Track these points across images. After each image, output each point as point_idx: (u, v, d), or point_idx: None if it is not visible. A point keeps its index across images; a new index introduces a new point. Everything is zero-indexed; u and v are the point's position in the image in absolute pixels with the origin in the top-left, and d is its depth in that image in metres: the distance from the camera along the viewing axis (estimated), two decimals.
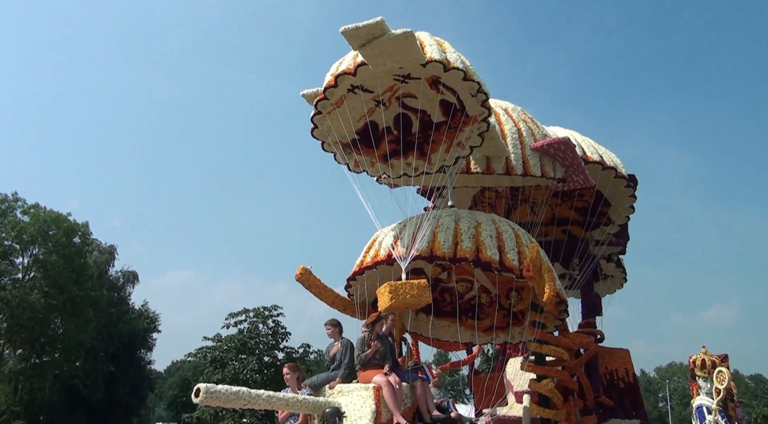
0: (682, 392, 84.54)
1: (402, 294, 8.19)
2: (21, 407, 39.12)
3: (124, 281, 49.72)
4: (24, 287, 39.89)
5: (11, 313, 38.75)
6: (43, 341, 41.04)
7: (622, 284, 15.50)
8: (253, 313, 41.73)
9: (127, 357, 47.45)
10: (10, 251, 41.07)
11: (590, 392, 11.50)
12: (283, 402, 7.11)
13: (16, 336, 39.72)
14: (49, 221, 41.43)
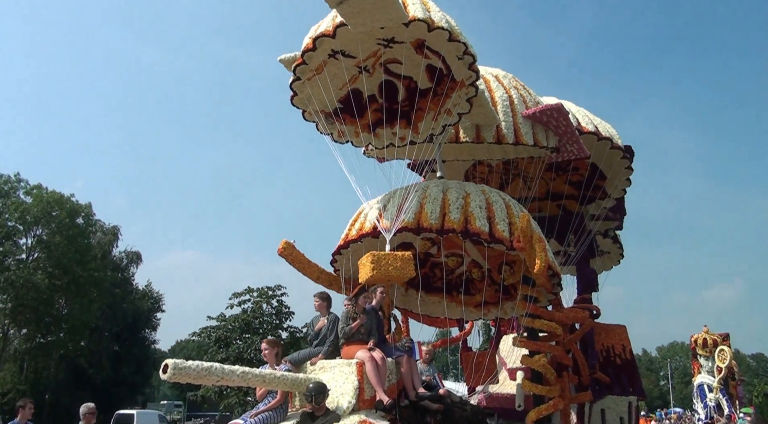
0: (684, 370, 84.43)
1: (384, 265, 7.77)
2: (27, 386, 39.08)
3: (127, 261, 49.47)
4: (28, 268, 39.68)
5: (16, 293, 38.56)
6: (48, 321, 40.91)
7: (619, 260, 15.05)
8: (257, 293, 41.63)
9: (131, 337, 47.35)
10: (13, 232, 40.78)
11: (585, 368, 11.10)
12: (259, 379, 6.70)
13: (21, 316, 39.59)
14: (52, 202, 41.09)
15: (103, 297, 43.55)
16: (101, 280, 43.20)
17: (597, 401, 12.05)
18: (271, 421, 7.08)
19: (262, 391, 7.38)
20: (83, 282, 41.12)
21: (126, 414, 32.40)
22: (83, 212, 43.58)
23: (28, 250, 41.58)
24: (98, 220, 46.41)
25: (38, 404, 35.96)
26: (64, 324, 41.44)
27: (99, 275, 42.95)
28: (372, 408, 7.19)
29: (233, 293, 41.01)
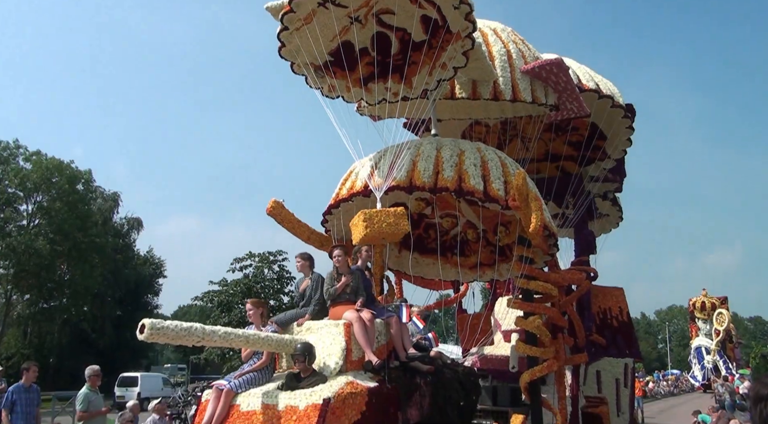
0: (681, 334, 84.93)
1: (377, 223, 7.45)
2: (31, 350, 39.30)
3: (128, 227, 49.37)
4: (29, 234, 39.64)
5: (17, 259, 38.62)
6: (50, 287, 40.98)
7: (618, 223, 14.73)
8: (258, 258, 41.73)
9: (134, 302, 47.44)
10: (13, 199, 40.65)
11: (581, 329, 10.88)
12: (242, 339, 6.45)
13: (24, 282, 39.67)
14: (51, 169, 40.82)
15: (105, 263, 43.56)
16: (102, 246, 43.19)
17: (593, 363, 11.89)
18: (255, 382, 6.86)
19: (248, 352, 7.15)
20: (84, 248, 41.11)
21: (130, 377, 32.62)
22: (83, 179, 43.36)
23: (28, 216, 41.48)
24: (98, 186, 46.25)
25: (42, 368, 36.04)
26: (67, 290, 41.52)
27: (100, 241, 42.94)
28: (360, 369, 6.96)
29: (235, 259, 41.18)
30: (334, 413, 6.12)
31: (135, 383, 31.66)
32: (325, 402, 6.08)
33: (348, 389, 6.38)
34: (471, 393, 8.52)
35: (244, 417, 6.47)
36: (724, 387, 24.57)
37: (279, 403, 6.35)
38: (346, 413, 6.26)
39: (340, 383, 6.46)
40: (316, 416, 6.03)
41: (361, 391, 6.51)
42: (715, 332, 36.37)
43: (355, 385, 6.53)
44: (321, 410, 6.05)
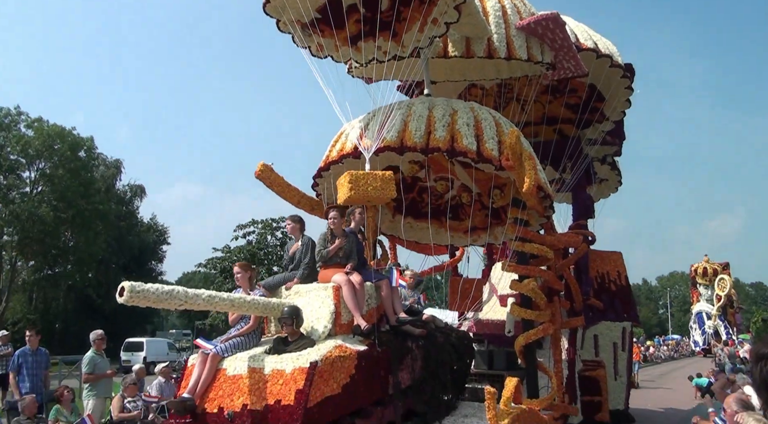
0: (683, 299, 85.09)
1: (363, 185, 7.22)
2: (36, 316, 39.55)
3: (131, 194, 49.27)
4: (32, 201, 39.51)
5: (21, 226, 38.58)
6: (55, 253, 41.05)
7: (617, 187, 14.48)
8: (261, 225, 41.65)
9: (138, 269, 47.53)
10: (16, 165, 40.42)
11: (578, 293, 10.73)
12: (227, 303, 6.28)
13: (28, 248, 39.68)
14: (53, 135, 40.51)
15: (109, 230, 43.55)
16: (106, 213, 43.12)
17: (590, 327, 11.77)
18: (242, 346, 6.72)
19: (235, 316, 7.00)
20: (88, 215, 41.04)
21: (136, 342, 32.83)
22: (85, 146, 43.06)
23: (31, 183, 41.30)
24: (100, 153, 45.95)
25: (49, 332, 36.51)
26: (71, 256, 41.61)
27: (103, 208, 42.84)
28: (349, 333, 6.80)
29: (238, 225, 41.14)
30: (322, 376, 5.99)
31: (141, 347, 31.89)
32: (312, 366, 5.93)
33: (336, 353, 6.23)
34: (464, 357, 8.41)
35: (230, 381, 6.35)
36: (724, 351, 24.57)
37: (265, 367, 6.21)
38: (334, 377, 6.12)
39: (329, 346, 6.31)
40: (303, 379, 5.89)
41: (350, 355, 6.36)
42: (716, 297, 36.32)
43: (344, 348, 6.38)
44: (308, 374, 5.90)
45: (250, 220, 41.28)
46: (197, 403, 6.37)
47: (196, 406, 6.32)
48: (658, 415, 15.18)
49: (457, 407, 8.10)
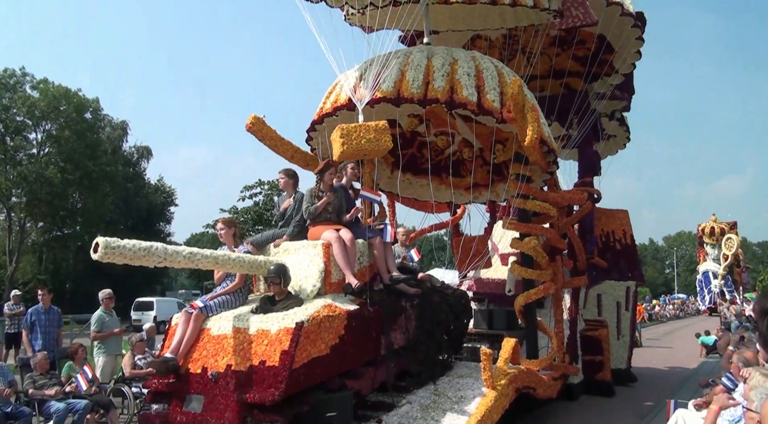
0: (689, 259, 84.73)
1: (356, 138, 6.78)
2: (47, 276, 39.65)
3: (138, 156, 48.93)
4: (40, 163, 39.41)
5: (29, 188, 38.57)
6: (63, 215, 41.04)
7: (625, 144, 13.92)
8: (268, 185, 41.31)
9: (146, 230, 47.34)
10: (22, 127, 40.15)
11: (582, 252, 10.36)
12: (210, 260, 5.94)
13: (37, 210, 39.68)
14: (59, 97, 40.17)
15: (116, 191, 43.45)
16: (113, 174, 42.96)
17: (594, 286, 11.42)
18: (228, 305, 6.41)
19: (220, 274, 6.67)
20: (95, 177, 40.91)
21: (146, 302, 32.85)
22: (91, 107, 42.71)
23: (38, 145, 41.11)
24: (106, 115, 45.57)
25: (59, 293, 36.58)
26: (80, 218, 41.62)
27: (111, 170, 42.69)
28: (340, 292, 6.48)
29: (245, 186, 40.84)
30: (309, 337, 5.68)
31: (151, 307, 31.92)
32: (298, 326, 5.62)
33: (325, 313, 5.91)
34: (461, 316, 8.12)
35: (214, 341, 6.05)
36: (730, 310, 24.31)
37: (250, 326, 5.91)
38: (322, 338, 5.81)
39: (317, 306, 6.00)
40: (289, 340, 5.59)
41: (340, 314, 6.04)
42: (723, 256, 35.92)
43: (333, 308, 6.06)
44: (293, 335, 5.59)
45: (257, 181, 40.97)
46: (180, 363, 6.10)
47: (179, 366, 6.05)
48: (661, 373, 14.94)
49: (453, 368, 7.84)
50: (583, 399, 10.78)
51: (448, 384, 7.29)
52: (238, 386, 5.62)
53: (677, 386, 12.53)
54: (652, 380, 13.46)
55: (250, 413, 5.49)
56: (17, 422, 7.47)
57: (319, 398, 5.78)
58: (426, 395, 6.98)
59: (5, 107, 38.80)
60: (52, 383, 8.16)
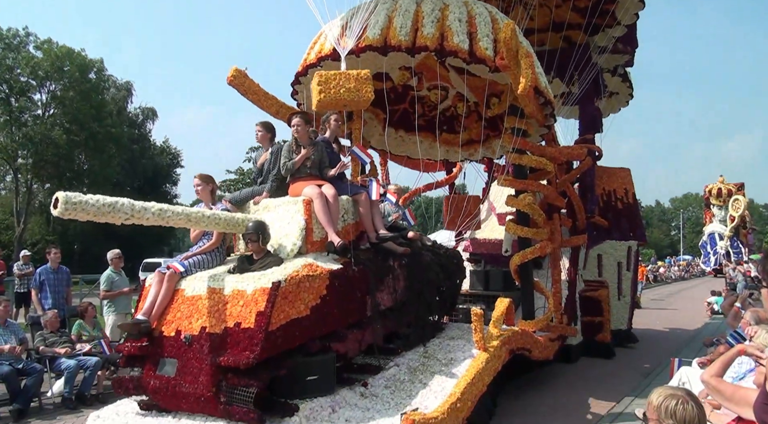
0: (696, 221, 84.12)
1: (335, 87, 6.32)
2: (55, 237, 39.61)
3: (143, 117, 48.34)
4: (45, 124, 39.00)
5: (35, 149, 38.22)
6: (70, 176, 40.73)
7: (628, 101, 13.33)
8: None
9: (152, 191, 47.07)
10: (27, 88, 39.57)
11: (581, 210, 9.93)
12: (182, 218, 5.56)
13: (43, 171, 39.43)
14: (62, 56, 39.45)
15: (122, 153, 43.06)
16: (118, 136, 42.51)
17: (594, 247, 11.02)
18: (204, 265, 6.06)
19: (196, 233, 6.30)
20: (101, 138, 40.49)
21: (154, 262, 32.73)
22: (95, 67, 42.03)
23: (43, 106, 40.60)
24: (110, 75, 44.83)
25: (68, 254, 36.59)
26: (86, 179, 41.34)
27: (116, 131, 42.23)
28: (322, 251, 6.10)
29: (251, 147, 40.39)
30: (286, 297, 5.32)
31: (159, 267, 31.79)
32: (275, 286, 5.25)
33: (304, 272, 5.53)
34: (454, 276, 7.75)
35: (188, 302, 5.70)
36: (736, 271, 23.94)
37: (226, 287, 5.55)
38: (301, 298, 5.45)
39: (296, 265, 5.62)
40: (265, 301, 5.24)
41: (321, 274, 5.67)
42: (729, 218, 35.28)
43: (314, 267, 5.68)
44: (270, 295, 5.24)
45: None
46: (154, 325, 5.77)
47: (151, 328, 5.73)
48: (663, 335, 14.64)
49: (445, 329, 7.51)
50: (582, 361, 10.49)
51: (439, 346, 6.96)
52: (213, 349, 5.29)
53: (680, 346, 12.21)
54: (653, 341, 13.16)
55: (224, 377, 5.18)
56: (29, 378, 7.61)
57: (298, 362, 5.45)
58: (415, 358, 6.67)
59: (9, 68, 38.23)
60: (63, 341, 8.28)
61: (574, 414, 7.49)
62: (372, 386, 6.04)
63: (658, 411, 2.79)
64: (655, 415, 2.81)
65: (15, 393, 7.46)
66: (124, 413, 5.86)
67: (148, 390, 5.64)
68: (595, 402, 7.98)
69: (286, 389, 5.44)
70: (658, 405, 2.81)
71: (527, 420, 7.16)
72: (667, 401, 2.79)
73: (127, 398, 6.06)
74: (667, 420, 2.77)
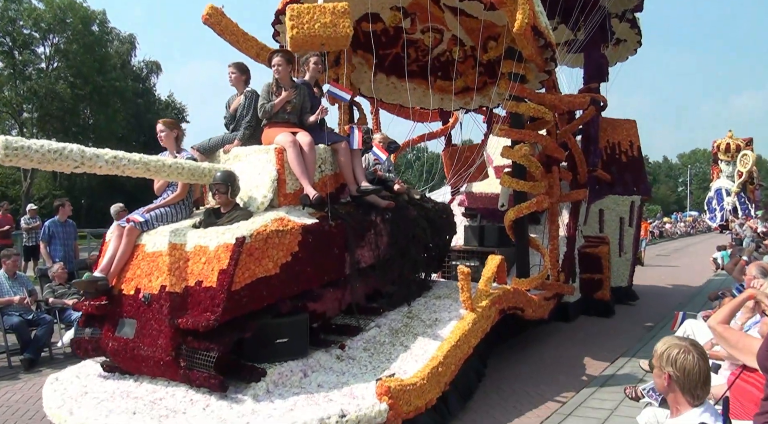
0: (703, 176, 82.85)
1: (308, 22, 5.67)
2: (62, 192, 39.10)
3: (147, 71, 47.29)
4: (49, 77, 38.25)
5: (40, 103, 37.65)
6: (75, 131, 40.08)
7: (636, 49, 12.48)
8: None
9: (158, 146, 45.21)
10: (30, 40, 38.68)
11: (583, 163, 9.30)
12: (140, 166, 5.02)
13: (48, 125, 38.86)
14: (64, 8, 38.43)
15: (127, 107, 42.28)
16: (123, 90, 41.67)
17: (596, 202, 10.40)
18: (169, 218, 5.54)
19: (161, 183, 5.77)
20: (105, 92, 39.72)
21: None
22: (97, 19, 40.96)
23: (47, 59, 39.74)
24: (113, 28, 43.74)
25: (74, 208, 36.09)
26: (91, 134, 40.73)
27: (120, 85, 41.36)
28: (297, 204, 5.56)
29: None
30: (252, 254, 4.80)
31: None
32: (239, 242, 4.73)
33: (273, 227, 5.00)
34: (442, 232, 7.20)
35: (149, 259, 5.21)
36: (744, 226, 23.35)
37: (188, 242, 5.04)
38: (269, 255, 4.93)
39: (265, 219, 5.09)
40: (228, 258, 4.72)
41: (293, 229, 5.13)
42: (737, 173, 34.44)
43: (285, 222, 5.14)
44: (233, 252, 4.72)
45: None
46: (113, 283, 5.30)
47: (109, 286, 5.25)
48: (666, 291, 14.14)
49: (432, 288, 7.01)
50: (580, 319, 10.01)
51: (424, 306, 6.48)
52: (173, 309, 4.82)
53: (684, 302, 11.69)
54: (655, 298, 12.65)
55: (184, 340, 4.70)
56: (39, 328, 7.67)
57: (266, 323, 4.97)
58: (397, 318, 6.19)
59: (11, 19, 37.29)
60: (71, 293, 8.18)
61: (569, 372, 7.04)
62: (350, 348, 5.58)
63: (660, 359, 2.72)
64: (658, 362, 2.73)
65: (26, 343, 7.55)
66: (85, 375, 5.44)
67: (107, 352, 5.20)
68: (590, 361, 7.53)
69: (254, 353, 4.98)
70: (661, 353, 2.73)
71: (518, 382, 6.70)
72: (670, 349, 2.70)
73: (90, 359, 5.64)
74: (668, 368, 2.68)
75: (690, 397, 2.66)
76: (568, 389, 6.46)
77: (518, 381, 6.73)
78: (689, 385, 2.65)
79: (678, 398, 2.69)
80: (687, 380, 2.64)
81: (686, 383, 2.65)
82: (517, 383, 6.65)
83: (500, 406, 5.96)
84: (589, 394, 6.21)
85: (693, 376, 2.64)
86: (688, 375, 2.63)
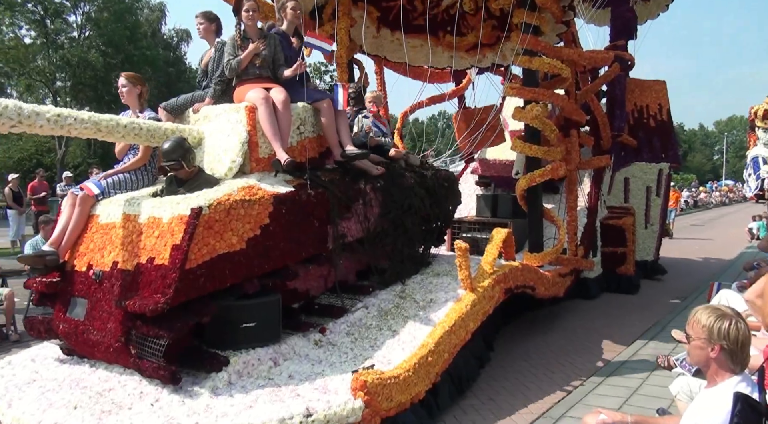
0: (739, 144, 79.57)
1: None
2: (96, 160, 39.19)
3: (177, 39, 46.71)
4: (81, 46, 38.03)
5: (73, 72, 37.50)
6: (108, 99, 39.88)
7: (668, 5, 11.24)
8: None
9: None
10: (61, 9, 38.43)
11: (606, 127, 8.36)
12: (89, 126, 4.31)
13: (82, 94, 38.77)
14: None
15: (158, 76, 41.87)
16: (154, 58, 41.29)
17: (621, 169, 9.45)
18: (128, 185, 4.87)
19: (122, 146, 5.10)
20: (137, 61, 39.29)
21: None
22: None
23: (78, 27, 39.49)
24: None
25: None
26: None
27: (151, 54, 41.00)
28: (270, 170, 4.83)
29: None
30: (212, 227, 4.11)
31: None
32: (194, 213, 4.03)
33: (239, 196, 4.29)
34: (444, 203, 6.40)
35: (102, 231, 4.55)
36: None
37: (141, 213, 4.36)
38: (232, 228, 4.23)
39: (231, 187, 4.38)
40: (182, 231, 4.03)
41: (262, 199, 4.41)
42: None
43: (254, 190, 4.43)
44: (188, 224, 4.03)
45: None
46: (66, 258, 4.67)
47: (60, 261, 4.62)
48: (695, 264, 13.15)
49: (432, 264, 6.26)
50: (602, 297, 9.14)
51: (420, 284, 5.75)
52: (124, 289, 4.17)
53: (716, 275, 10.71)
54: (684, 272, 11.69)
55: (134, 325, 4.06)
56: None
57: (229, 306, 4.30)
58: (389, 298, 5.48)
59: None
60: None
61: (584, 355, 6.28)
62: (331, 332, 4.89)
63: (710, 332, 2.59)
64: (705, 334, 2.60)
65: None
66: (42, 359, 4.86)
67: (59, 334, 4.60)
68: (618, 333, 6.91)
69: (218, 339, 4.32)
70: (709, 326, 2.60)
71: (525, 367, 5.95)
72: (719, 322, 2.58)
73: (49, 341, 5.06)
74: (720, 341, 2.57)
75: (738, 366, 2.60)
76: (588, 368, 5.76)
77: (523, 366, 5.98)
78: (742, 355, 2.59)
79: (721, 368, 2.61)
80: (741, 351, 2.58)
81: (739, 354, 2.58)
82: (521, 368, 5.90)
83: (506, 390, 5.23)
84: (616, 367, 5.67)
85: (746, 346, 2.59)
86: (743, 346, 2.57)
